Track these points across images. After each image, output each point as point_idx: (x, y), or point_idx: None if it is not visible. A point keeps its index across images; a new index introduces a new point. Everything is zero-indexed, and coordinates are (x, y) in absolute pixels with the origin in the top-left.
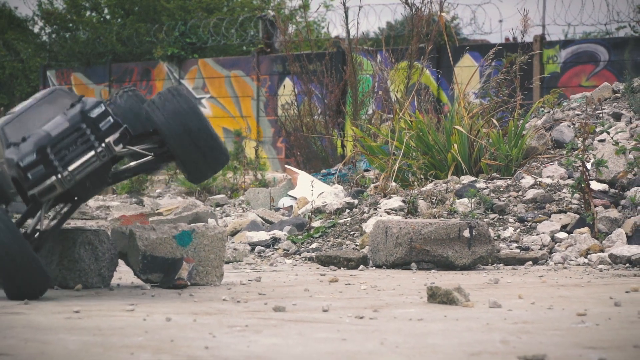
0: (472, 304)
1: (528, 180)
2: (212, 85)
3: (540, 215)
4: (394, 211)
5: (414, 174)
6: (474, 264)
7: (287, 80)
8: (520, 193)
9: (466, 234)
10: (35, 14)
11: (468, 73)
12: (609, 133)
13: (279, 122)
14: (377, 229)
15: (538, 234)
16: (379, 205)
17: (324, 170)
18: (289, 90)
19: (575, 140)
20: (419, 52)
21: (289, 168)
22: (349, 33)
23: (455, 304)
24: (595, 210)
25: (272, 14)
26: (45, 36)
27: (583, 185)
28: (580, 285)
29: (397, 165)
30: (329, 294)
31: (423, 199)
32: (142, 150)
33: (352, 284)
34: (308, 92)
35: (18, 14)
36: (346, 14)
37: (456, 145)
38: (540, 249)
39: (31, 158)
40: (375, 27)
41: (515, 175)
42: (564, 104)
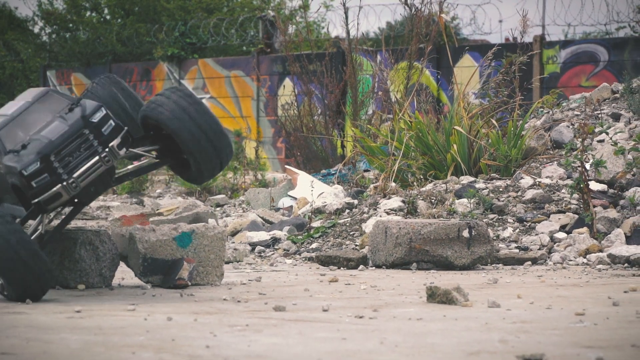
0: (471, 304)
1: (527, 180)
2: (212, 86)
3: (539, 216)
4: (393, 211)
5: (414, 174)
6: (473, 264)
7: (287, 80)
8: (519, 193)
9: (465, 234)
10: (35, 14)
11: (468, 73)
12: (608, 133)
13: (279, 123)
14: (377, 229)
15: (537, 234)
16: (378, 206)
17: (323, 171)
18: (289, 90)
19: (574, 141)
20: (419, 53)
21: (289, 168)
22: (348, 33)
23: (454, 303)
24: (594, 211)
25: (272, 14)
26: (45, 36)
27: (582, 185)
28: (579, 285)
29: (397, 166)
30: (329, 293)
31: (422, 199)
32: (143, 151)
33: (352, 283)
34: (308, 93)
35: (18, 14)
36: (346, 14)
37: (455, 146)
38: (539, 249)
39: (35, 166)
40: (375, 27)
41: (514, 175)
42: (563, 104)
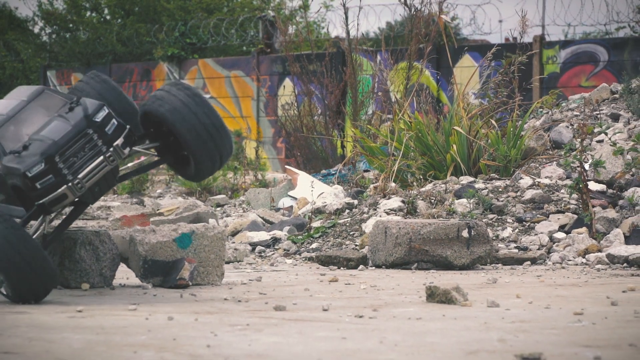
0: (471, 304)
1: (526, 180)
2: (212, 86)
3: (538, 216)
4: (393, 211)
5: (413, 174)
6: (472, 264)
7: (287, 80)
8: (518, 193)
9: (465, 234)
10: (35, 14)
11: (468, 73)
12: (607, 134)
13: (279, 123)
14: (377, 229)
15: (536, 234)
16: (378, 206)
17: (324, 171)
18: (289, 90)
19: (574, 141)
20: (419, 53)
21: (289, 168)
22: (348, 34)
23: (453, 303)
24: (593, 211)
25: (272, 14)
26: (45, 36)
27: (581, 185)
28: (578, 284)
29: (397, 166)
30: (329, 293)
31: (422, 200)
32: (143, 149)
33: (352, 283)
34: (308, 93)
35: (18, 15)
36: (346, 14)
37: (455, 146)
38: (538, 249)
39: (39, 168)
40: (375, 28)
41: (513, 175)
42: (563, 104)
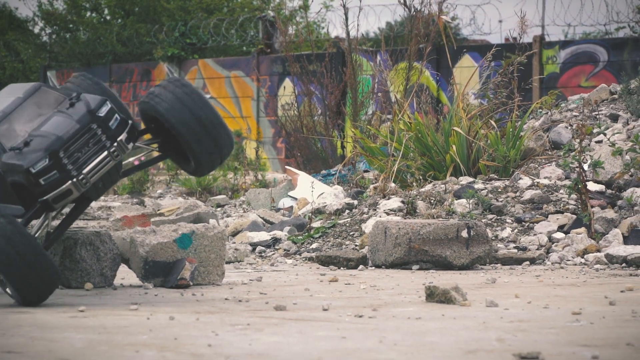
0: (470, 303)
1: (526, 181)
2: (212, 86)
3: (537, 216)
4: (393, 212)
5: (413, 174)
6: (472, 264)
7: (287, 80)
8: (517, 194)
9: (464, 234)
10: (35, 14)
11: (468, 73)
12: (606, 134)
13: (279, 123)
14: (377, 229)
15: (535, 234)
16: (378, 206)
17: (324, 171)
18: (289, 90)
19: (573, 142)
20: (419, 53)
21: (289, 169)
22: (348, 34)
23: (452, 303)
24: (592, 211)
25: (272, 14)
26: (45, 37)
27: (580, 186)
28: (577, 284)
29: (396, 166)
30: (329, 293)
31: (422, 200)
32: (145, 145)
33: (352, 283)
34: (308, 93)
35: (18, 15)
36: (346, 15)
37: (455, 147)
38: (537, 249)
39: (44, 163)
40: (375, 28)
41: (513, 176)
42: (562, 105)
